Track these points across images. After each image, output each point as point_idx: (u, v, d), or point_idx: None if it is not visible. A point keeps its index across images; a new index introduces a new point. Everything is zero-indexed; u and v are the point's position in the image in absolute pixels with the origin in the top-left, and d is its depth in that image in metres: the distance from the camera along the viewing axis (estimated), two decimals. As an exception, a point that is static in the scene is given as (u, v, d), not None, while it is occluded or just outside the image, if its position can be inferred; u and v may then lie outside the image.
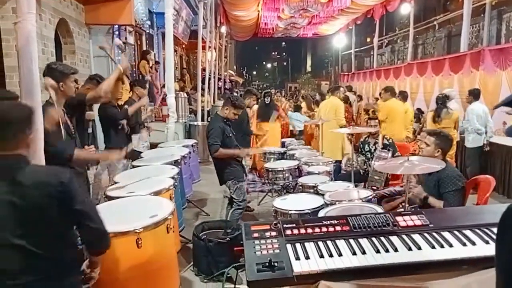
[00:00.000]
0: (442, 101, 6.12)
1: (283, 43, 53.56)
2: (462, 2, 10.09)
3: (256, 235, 1.61)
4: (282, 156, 5.82)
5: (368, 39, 23.52)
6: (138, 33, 10.30)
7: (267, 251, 1.51)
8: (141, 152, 4.92)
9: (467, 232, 1.63)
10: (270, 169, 4.90)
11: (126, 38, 8.96)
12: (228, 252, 3.31)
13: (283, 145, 6.66)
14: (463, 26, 9.46)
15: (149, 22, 10.79)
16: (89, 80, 4.18)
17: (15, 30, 2.09)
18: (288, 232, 1.63)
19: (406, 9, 13.32)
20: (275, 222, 1.67)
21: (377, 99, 12.41)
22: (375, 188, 4.29)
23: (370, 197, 3.20)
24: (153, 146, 5.74)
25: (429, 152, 3.11)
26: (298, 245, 1.57)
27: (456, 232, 1.63)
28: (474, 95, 6.18)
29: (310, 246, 1.57)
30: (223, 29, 16.14)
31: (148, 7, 10.62)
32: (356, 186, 4.09)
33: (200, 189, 5.83)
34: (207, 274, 3.58)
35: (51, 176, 1.66)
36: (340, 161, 6.43)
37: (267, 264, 1.43)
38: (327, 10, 14.47)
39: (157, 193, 3.15)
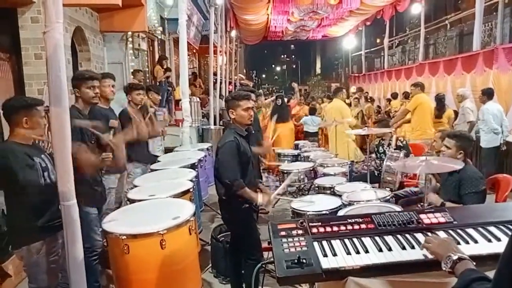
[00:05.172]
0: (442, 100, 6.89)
1: (292, 45, 53.56)
2: (473, 1, 10.01)
3: (283, 233, 1.65)
4: (296, 158, 5.85)
5: (378, 40, 23.41)
6: (150, 39, 10.44)
7: (295, 249, 1.55)
8: (158, 156, 5.01)
9: (492, 229, 1.65)
10: (285, 171, 4.93)
11: (139, 45, 9.11)
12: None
13: (296, 147, 6.69)
14: (476, 25, 9.38)
15: (161, 28, 10.93)
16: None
17: (44, 39, 2.16)
18: (314, 230, 1.67)
19: (417, 9, 13.26)
20: (301, 221, 1.71)
21: (389, 100, 12.37)
22: (389, 189, 4.29)
23: (388, 197, 3.21)
24: (168, 150, 5.83)
25: (451, 154, 3.09)
26: (324, 243, 1.61)
27: (480, 229, 1.65)
28: (488, 94, 6.14)
29: (336, 243, 1.61)
30: (233, 33, 16.27)
31: (160, 13, 10.78)
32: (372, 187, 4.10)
33: (215, 192, 5.87)
34: (226, 276, 3.63)
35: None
36: (352, 162, 6.45)
37: (296, 260, 1.48)
38: (336, 12, 14.47)
39: (177, 196, 3.21)
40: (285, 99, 8.71)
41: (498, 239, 1.58)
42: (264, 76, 58.41)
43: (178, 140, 6.24)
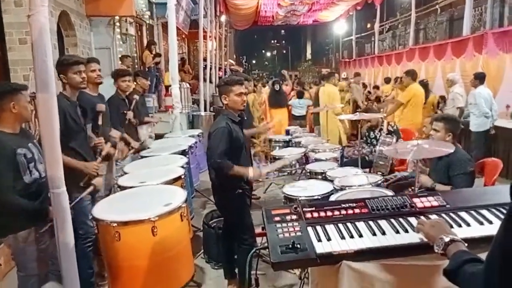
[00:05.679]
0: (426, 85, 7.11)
1: (282, 31, 53.15)
2: (464, -15, 9.98)
3: (277, 218, 1.64)
4: (287, 144, 5.84)
5: (369, 25, 23.34)
6: (138, 24, 10.25)
7: (289, 234, 1.55)
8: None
9: (484, 212, 1.66)
10: (276, 157, 4.92)
11: (127, 29, 8.94)
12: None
13: (287, 133, 6.69)
14: (466, 10, 9.40)
15: (149, 13, 10.72)
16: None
17: (29, 23, 2.09)
18: (308, 215, 1.67)
19: (407, -6, 13.21)
20: (294, 206, 1.71)
21: (376, 87, 12.40)
22: (380, 173, 4.32)
23: (380, 181, 3.23)
24: (158, 136, 5.77)
25: (440, 137, 3.12)
26: (319, 228, 1.61)
27: (473, 212, 1.67)
28: (480, 78, 6.17)
29: (330, 228, 1.61)
30: (223, 18, 16.05)
31: (147, -3, 10.57)
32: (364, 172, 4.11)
33: (206, 178, 5.85)
34: (218, 261, 3.65)
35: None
36: (343, 148, 6.48)
37: (290, 246, 1.47)
38: (327, -4, 14.36)
39: (168, 182, 3.19)
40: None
41: (490, 222, 1.59)
42: (254, 61, 57.96)
43: (168, 127, 6.17)
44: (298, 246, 1.48)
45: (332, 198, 2.87)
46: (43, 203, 2.43)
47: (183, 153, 4.29)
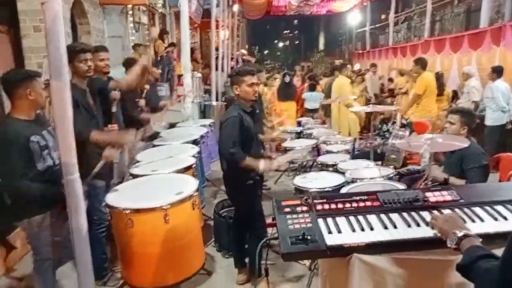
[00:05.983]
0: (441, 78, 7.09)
1: (295, 21, 52.59)
2: (483, -24, 9.74)
3: (287, 210, 1.64)
4: (298, 135, 5.82)
5: (383, 16, 22.93)
6: (151, 12, 10.24)
7: (300, 225, 1.55)
8: (159, 132, 4.98)
9: (499, 208, 1.64)
10: (288, 148, 4.91)
11: (139, 18, 8.94)
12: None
13: (299, 124, 6.66)
14: (483, 1, 9.18)
15: (161, 2, 10.71)
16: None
17: (43, 10, 2.09)
18: (319, 207, 1.66)
19: (424, -16, 12.92)
20: (305, 197, 1.70)
21: (391, 79, 12.20)
22: (392, 167, 4.28)
23: (392, 175, 3.20)
24: (170, 126, 5.79)
25: (455, 130, 3.08)
26: (329, 220, 1.61)
27: (487, 208, 1.64)
28: (498, 72, 6.04)
29: (341, 220, 1.61)
30: (235, 7, 15.94)
31: (160, -14, 10.54)
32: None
33: (217, 168, 5.87)
34: (228, 250, 3.68)
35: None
36: (355, 140, 6.43)
37: (300, 237, 1.47)
38: (341, -15, 14.13)
39: (180, 171, 3.20)
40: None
41: (505, 218, 1.57)
42: (266, 52, 57.52)
43: (180, 116, 6.19)
44: (308, 237, 1.47)
45: (343, 190, 2.85)
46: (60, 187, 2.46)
47: (195, 142, 4.31)
